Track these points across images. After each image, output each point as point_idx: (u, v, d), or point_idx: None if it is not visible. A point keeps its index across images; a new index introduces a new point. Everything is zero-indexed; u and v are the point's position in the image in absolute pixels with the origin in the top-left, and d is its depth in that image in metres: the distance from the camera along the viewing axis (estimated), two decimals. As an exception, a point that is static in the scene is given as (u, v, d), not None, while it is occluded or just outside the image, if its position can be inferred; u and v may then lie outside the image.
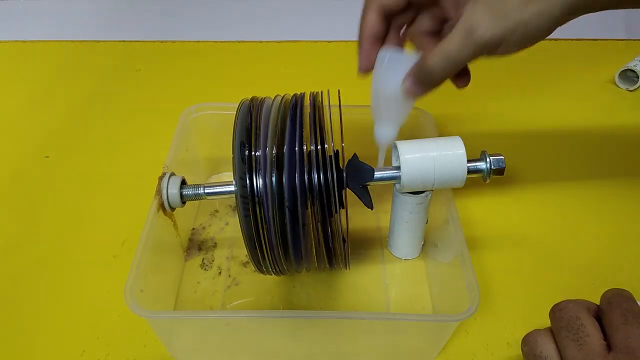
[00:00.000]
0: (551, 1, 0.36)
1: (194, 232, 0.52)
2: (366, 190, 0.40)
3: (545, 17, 0.36)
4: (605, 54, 0.76)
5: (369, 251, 0.51)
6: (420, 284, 0.48)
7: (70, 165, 0.59)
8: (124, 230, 0.51)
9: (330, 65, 0.74)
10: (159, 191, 0.41)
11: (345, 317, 0.39)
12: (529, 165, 0.59)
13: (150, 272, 0.40)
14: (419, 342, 0.42)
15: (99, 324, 0.44)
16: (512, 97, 0.69)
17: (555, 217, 0.54)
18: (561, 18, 0.36)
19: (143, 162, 0.58)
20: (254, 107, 0.40)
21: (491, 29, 0.36)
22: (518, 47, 0.38)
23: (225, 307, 0.46)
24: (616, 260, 0.50)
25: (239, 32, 0.81)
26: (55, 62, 0.75)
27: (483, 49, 0.37)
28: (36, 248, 0.50)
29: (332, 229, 0.38)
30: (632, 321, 0.31)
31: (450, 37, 0.37)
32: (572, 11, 0.36)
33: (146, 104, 0.68)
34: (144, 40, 0.79)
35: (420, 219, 0.46)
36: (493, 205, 0.55)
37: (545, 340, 0.34)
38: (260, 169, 0.36)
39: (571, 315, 0.33)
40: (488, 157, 0.40)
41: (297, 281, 0.48)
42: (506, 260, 0.49)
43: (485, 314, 0.45)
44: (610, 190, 0.56)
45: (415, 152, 0.39)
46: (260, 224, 0.36)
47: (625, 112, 0.67)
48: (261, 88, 0.47)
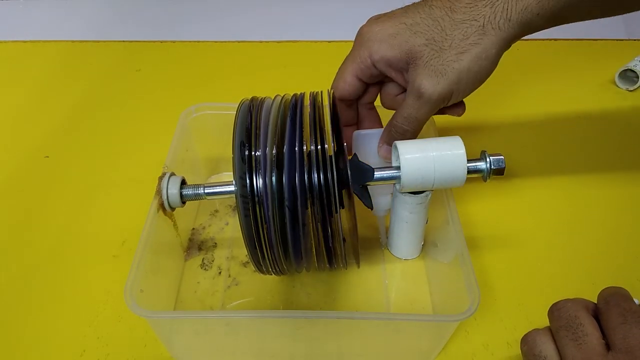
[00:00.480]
0: (484, 44, 0.37)
1: (194, 232, 0.52)
2: (366, 190, 0.40)
3: (483, 59, 0.38)
4: (605, 54, 0.76)
5: (369, 251, 0.51)
6: (420, 284, 0.48)
7: (70, 165, 0.59)
8: (124, 230, 0.51)
9: (330, 65, 0.74)
10: (159, 191, 0.41)
11: (345, 317, 0.39)
12: (529, 165, 0.59)
13: (150, 272, 0.40)
14: (419, 342, 0.42)
15: (99, 324, 0.44)
16: (511, 97, 0.69)
17: (555, 217, 0.54)
18: (500, 54, 0.38)
19: (143, 162, 0.58)
20: (254, 107, 0.40)
21: (437, 87, 0.38)
22: (470, 91, 0.40)
23: (225, 307, 0.46)
24: (616, 260, 0.50)
25: (239, 32, 0.81)
26: (55, 62, 0.76)
27: (437, 104, 0.40)
28: (36, 248, 0.50)
29: (332, 229, 0.38)
30: (630, 320, 0.31)
31: (406, 102, 0.40)
32: (508, 44, 0.39)
33: (146, 104, 0.68)
34: (144, 40, 0.79)
35: (420, 219, 0.46)
36: (493, 205, 0.55)
37: (544, 340, 0.34)
38: (260, 168, 0.36)
39: (570, 314, 0.33)
40: (488, 157, 0.40)
41: (297, 281, 0.48)
42: (506, 260, 0.49)
43: (485, 314, 0.45)
44: (610, 190, 0.56)
45: (415, 152, 0.39)
46: (260, 223, 0.36)
47: (625, 112, 0.67)
48: (261, 88, 0.47)
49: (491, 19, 0.37)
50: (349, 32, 0.44)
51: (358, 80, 0.43)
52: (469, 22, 0.38)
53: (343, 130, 0.45)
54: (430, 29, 0.38)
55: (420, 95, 0.39)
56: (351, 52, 0.43)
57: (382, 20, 0.41)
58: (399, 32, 0.39)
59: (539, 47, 0.76)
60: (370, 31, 0.41)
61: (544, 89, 0.70)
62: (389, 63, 0.40)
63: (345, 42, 0.78)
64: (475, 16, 0.38)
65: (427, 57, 0.38)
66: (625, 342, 0.31)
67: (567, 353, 0.32)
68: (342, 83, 0.43)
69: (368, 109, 0.46)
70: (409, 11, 0.40)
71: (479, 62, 0.38)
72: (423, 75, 0.38)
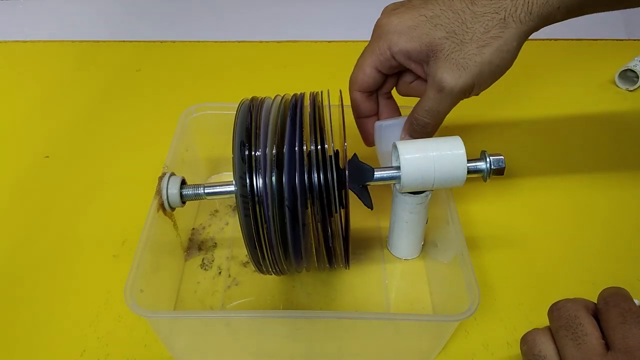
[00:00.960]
0: (506, 37, 0.38)
1: (194, 232, 0.52)
2: (366, 190, 0.40)
3: (505, 52, 0.38)
4: (605, 54, 0.76)
5: (369, 251, 0.51)
6: (420, 284, 0.48)
7: (71, 165, 0.59)
8: (124, 230, 0.51)
9: (330, 65, 0.74)
10: (159, 191, 0.41)
11: (345, 317, 0.38)
12: (529, 166, 0.59)
13: (150, 272, 0.40)
14: (419, 342, 0.42)
15: (99, 324, 0.44)
16: (512, 97, 0.69)
17: (555, 217, 0.54)
18: (519, 46, 0.38)
19: (143, 162, 0.58)
20: (254, 107, 0.40)
21: (458, 81, 0.38)
22: (490, 83, 0.40)
23: (225, 307, 0.46)
24: (616, 260, 0.50)
25: (239, 32, 0.81)
26: (55, 62, 0.76)
27: (459, 97, 0.40)
28: (36, 248, 0.50)
29: (332, 229, 0.38)
30: (630, 320, 0.31)
31: (427, 95, 0.40)
32: (527, 36, 0.39)
33: (146, 104, 0.68)
34: (144, 40, 0.79)
35: (420, 219, 0.46)
36: (493, 205, 0.55)
37: (543, 340, 0.34)
38: (260, 168, 0.36)
39: (569, 314, 0.33)
40: (488, 157, 0.40)
41: (297, 281, 0.48)
42: (506, 260, 0.49)
43: (485, 314, 0.45)
44: (610, 190, 0.56)
45: (415, 152, 0.39)
46: (260, 223, 0.36)
47: (625, 112, 0.67)
48: (261, 88, 0.47)
49: (512, 12, 0.37)
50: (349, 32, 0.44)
51: (377, 72, 0.43)
52: (490, 15, 0.38)
53: (364, 121, 0.46)
54: (451, 21, 0.38)
55: (442, 88, 0.39)
56: (370, 44, 0.42)
57: (401, 12, 0.40)
58: (419, 25, 0.39)
59: (539, 47, 0.76)
60: (389, 23, 0.40)
61: (544, 88, 0.70)
62: (409, 55, 0.40)
63: (346, 42, 0.78)
64: (496, 9, 0.37)
65: (448, 50, 0.38)
66: (624, 342, 0.31)
67: (567, 353, 0.32)
68: (362, 75, 0.43)
69: (386, 98, 0.46)
70: (429, 3, 0.40)
71: (500, 55, 0.38)
72: (444, 69, 0.38)
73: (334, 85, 0.43)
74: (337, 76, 0.71)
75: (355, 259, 0.50)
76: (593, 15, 0.39)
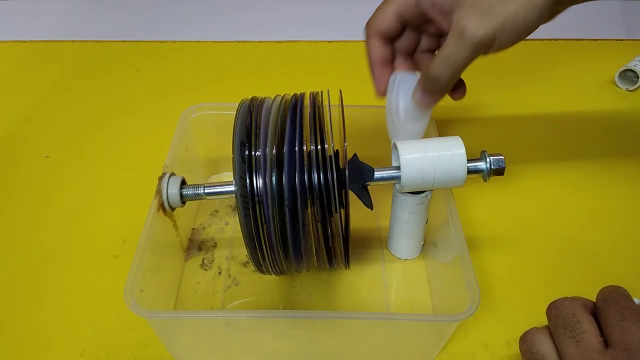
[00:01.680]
0: None
1: (194, 232, 0.52)
2: (366, 190, 0.40)
3: (530, 8, 0.37)
4: (605, 54, 0.76)
5: (369, 251, 0.51)
6: (420, 284, 0.48)
7: (71, 165, 0.59)
8: (124, 230, 0.51)
9: (330, 65, 0.74)
10: (159, 191, 0.41)
11: (345, 317, 0.39)
12: (529, 165, 0.59)
13: (150, 272, 0.40)
14: (419, 342, 0.42)
15: (99, 324, 0.44)
16: (512, 97, 0.69)
17: (555, 217, 0.54)
18: (545, 7, 0.37)
19: (143, 162, 0.58)
20: (254, 107, 0.40)
21: (481, 28, 0.37)
22: (511, 42, 0.38)
23: (225, 307, 0.46)
24: (615, 259, 0.50)
25: (239, 32, 0.81)
26: (55, 62, 0.76)
27: (478, 48, 0.38)
28: (36, 248, 0.50)
29: (332, 229, 0.38)
30: (629, 318, 0.31)
31: (446, 43, 0.39)
32: (553, 6, 0.37)
33: (146, 104, 0.68)
34: (144, 40, 0.79)
35: (420, 219, 0.46)
36: (493, 205, 0.55)
37: (542, 338, 0.34)
38: (260, 168, 0.36)
39: (568, 312, 0.33)
40: (488, 157, 0.40)
41: (297, 281, 0.48)
42: (506, 260, 0.49)
43: (485, 314, 0.45)
44: (610, 191, 0.56)
45: (415, 152, 0.39)
46: (260, 223, 0.36)
47: (625, 112, 0.67)
48: (261, 88, 0.47)
49: None
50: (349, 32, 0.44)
51: (398, 18, 0.42)
52: None
53: (378, 68, 0.44)
54: None
55: (462, 35, 0.37)
56: None
57: None
58: None
59: (539, 47, 0.76)
60: None
61: (544, 88, 0.70)
62: (434, 2, 0.40)
63: (346, 42, 0.78)
64: None
65: None
66: (623, 339, 0.31)
67: (565, 351, 0.32)
68: (383, 17, 0.42)
69: (404, 55, 0.45)
70: None
71: (525, 9, 0.37)
72: (468, 16, 0.37)
73: (334, 85, 0.43)
74: (337, 76, 0.71)
75: (355, 259, 0.50)
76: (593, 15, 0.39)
